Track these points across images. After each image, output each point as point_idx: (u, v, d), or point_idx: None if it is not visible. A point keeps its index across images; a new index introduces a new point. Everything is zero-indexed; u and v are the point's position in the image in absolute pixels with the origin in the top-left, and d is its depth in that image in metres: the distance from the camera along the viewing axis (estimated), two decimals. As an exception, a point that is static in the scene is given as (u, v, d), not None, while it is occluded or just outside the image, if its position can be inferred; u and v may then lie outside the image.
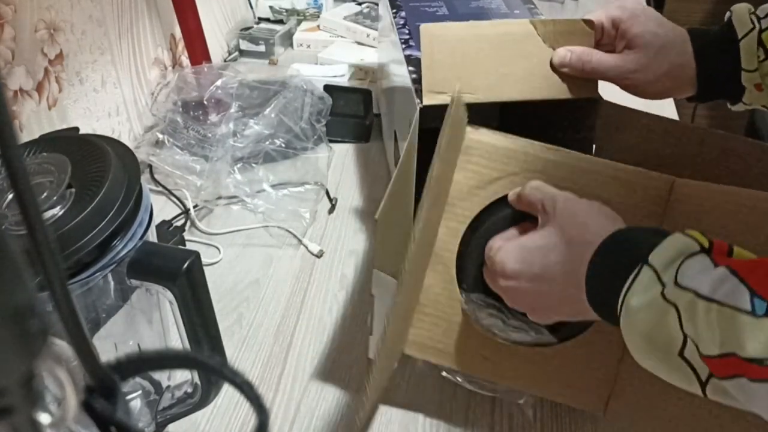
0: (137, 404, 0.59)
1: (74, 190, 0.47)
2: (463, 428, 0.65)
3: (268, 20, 1.42)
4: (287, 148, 0.95)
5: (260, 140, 0.94)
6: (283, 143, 0.95)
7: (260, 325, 0.76)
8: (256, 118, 0.95)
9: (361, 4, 1.41)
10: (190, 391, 0.57)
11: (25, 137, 0.78)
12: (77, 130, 0.61)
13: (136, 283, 0.49)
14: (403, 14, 0.89)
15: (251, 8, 1.43)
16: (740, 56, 0.61)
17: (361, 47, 1.31)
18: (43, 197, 0.45)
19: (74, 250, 0.44)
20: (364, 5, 1.39)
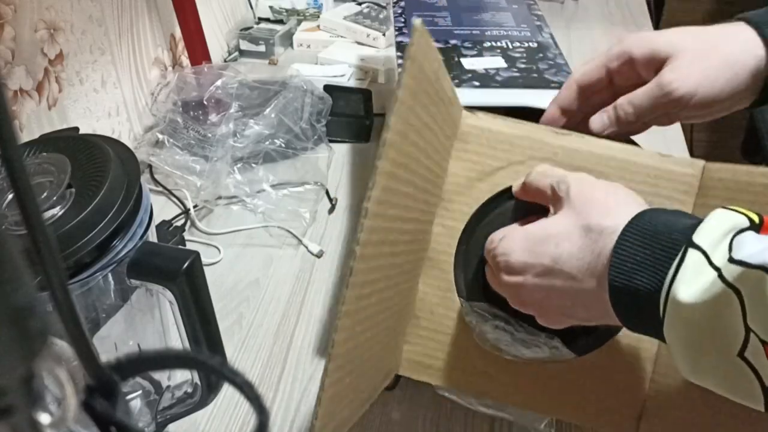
0: (137, 404, 0.59)
1: (74, 190, 0.47)
2: None
3: (268, 20, 1.42)
4: (287, 148, 0.95)
5: (260, 140, 0.94)
6: (283, 143, 0.95)
7: (260, 325, 0.76)
8: (256, 118, 0.95)
9: (361, 4, 1.41)
10: (190, 391, 0.57)
11: (25, 137, 0.78)
12: (77, 130, 0.61)
13: (136, 283, 0.49)
14: (402, 4, 0.90)
15: (251, 8, 1.43)
16: None
17: (361, 47, 1.31)
18: (43, 197, 0.45)
19: (74, 250, 0.44)
20: (364, 5, 1.39)
